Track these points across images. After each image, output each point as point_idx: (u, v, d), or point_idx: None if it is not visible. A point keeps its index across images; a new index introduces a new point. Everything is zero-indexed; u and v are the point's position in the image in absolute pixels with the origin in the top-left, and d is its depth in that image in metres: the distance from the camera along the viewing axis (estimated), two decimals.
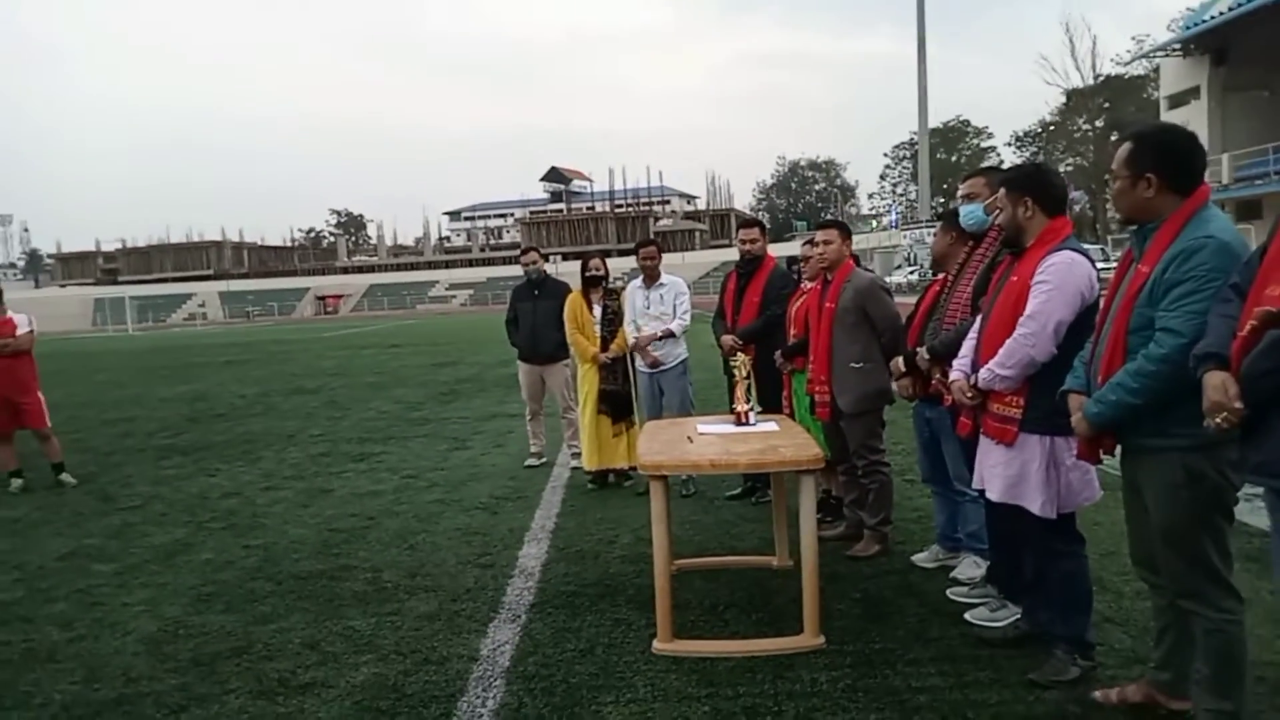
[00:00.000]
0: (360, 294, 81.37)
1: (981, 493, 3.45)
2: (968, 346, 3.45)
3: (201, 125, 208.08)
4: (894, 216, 78.72)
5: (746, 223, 5.96)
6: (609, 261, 7.06)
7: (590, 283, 6.53)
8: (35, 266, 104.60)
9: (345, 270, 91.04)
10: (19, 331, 7.44)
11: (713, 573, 4.54)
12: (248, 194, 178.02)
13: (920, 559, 4.52)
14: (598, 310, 6.46)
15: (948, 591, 4.09)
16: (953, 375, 3.48)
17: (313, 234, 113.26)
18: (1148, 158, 2.58)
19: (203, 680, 3.52)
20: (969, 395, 3.33)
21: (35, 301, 75.89)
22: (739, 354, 4.48)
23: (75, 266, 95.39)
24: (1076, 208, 58.79)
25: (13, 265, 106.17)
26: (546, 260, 7.33)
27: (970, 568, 4.19)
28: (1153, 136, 2.66)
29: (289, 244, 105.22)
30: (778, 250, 5.79)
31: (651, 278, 6.26)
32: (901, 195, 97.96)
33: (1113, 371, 2.60)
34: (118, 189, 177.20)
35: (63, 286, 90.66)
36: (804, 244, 5.42)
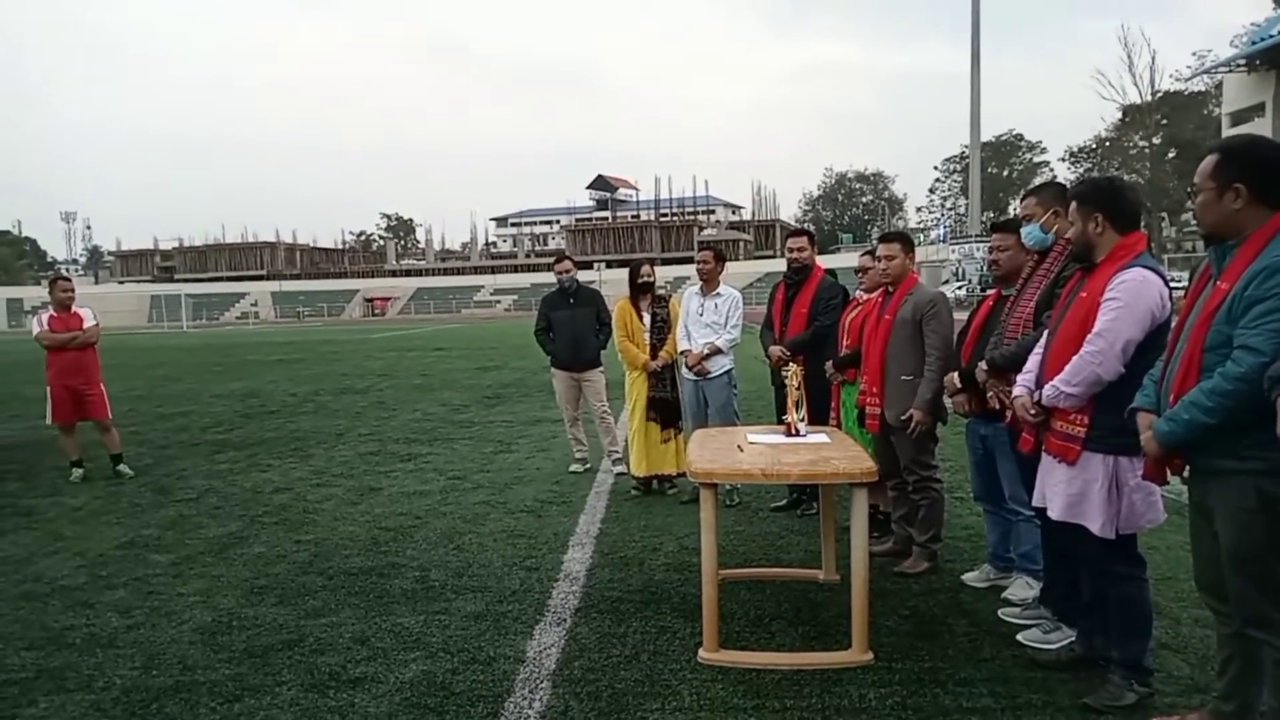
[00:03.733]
0: (407, 297, 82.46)
1: (1040, 511, 3.40)
2: (1032, 362, 3.39)
3: (259, 129, 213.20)
4: (942, 230, 77.77)
5: (795, 232, 5.93)
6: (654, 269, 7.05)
7: (640, 289, 6.55)
8: (95, 263, 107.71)
9: (394, 273, 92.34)
10: (86, 325, 7.69)
11: (758, 584, 4.52)
12: (302, 197, 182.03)
13: (970, 578, 4.45)
14: (647, 318, 6.47)
15: (999, 612, 4.01)
16: (1016, 391, 3.43)
17: (363, 237, 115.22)
18: (1237, 168, 2.52)
19: (256, 671, 3.58)
20: (1032, 412, 3.28)
21: (94, 297, 78.17)
22: (790, 364, 4.44)
23: (134, 264, 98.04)
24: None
25: (75, 261, 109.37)
26: (578, 268, 7.34)
27: (1023, 588, 4.11)
28: (1243, 147, 2.60)
29: (340, 246, 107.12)
30: (824, 262, 5.74)
31: (709, 284, 6.23)
32: (951, 209, 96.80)
33: (1185, 390, 2.54)
34: (177, 189, 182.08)
35: (121, 283, 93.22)
36: (863, 255, 5.38)
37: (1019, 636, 3.71)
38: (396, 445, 9.07)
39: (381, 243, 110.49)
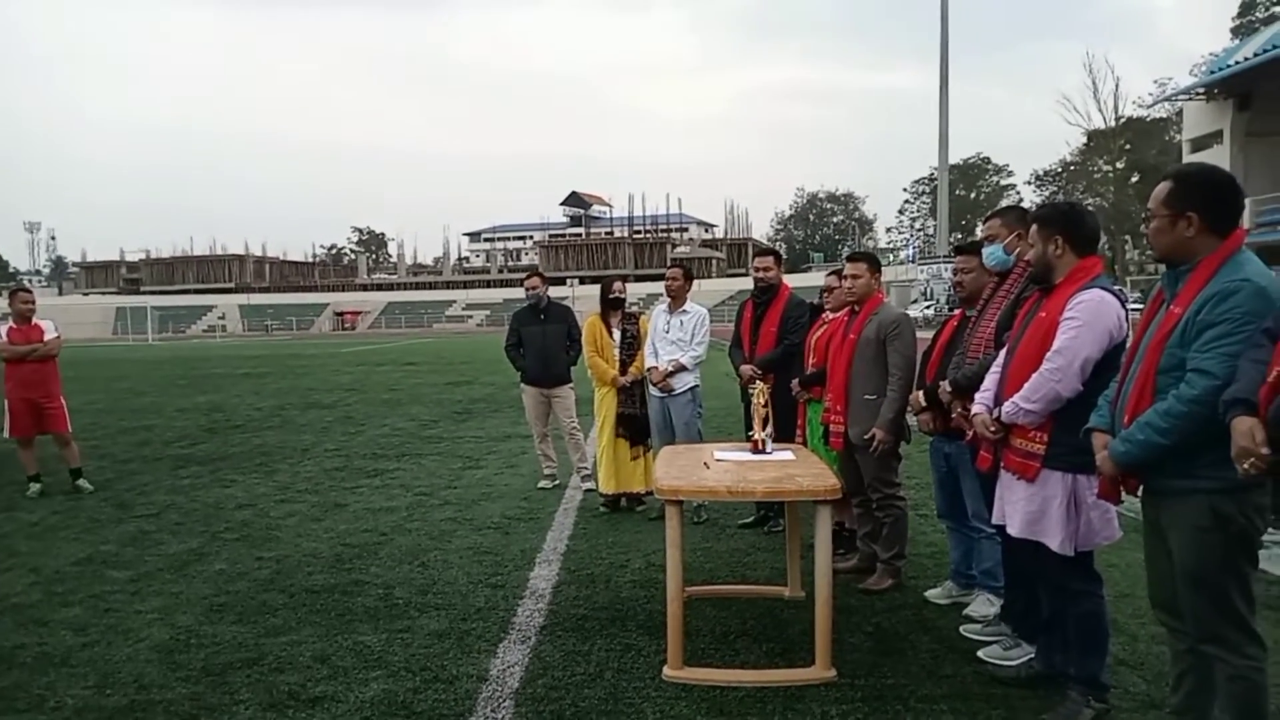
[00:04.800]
0: (379, 311, 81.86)
1: (1000, 528, 3.44)
2: (991, 380, 3.45)
3: (230, 141, 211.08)
4: (911, 251, 78.70)
5: (762, 251, 5.98)
6: (628, 286, 7.09)
7: (610, 305, 6.56)
8: (60, 274, 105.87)
9: (365, 287, 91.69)
10: (47, 337, 7.56)
11: (723, 601, 4.52)
12: (273, 210, 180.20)
13: (934, 595, 4.49)
14: (617, 334, 6.48)
15: (961, 628, 4.05)
16: (975, 408, 3.48)
17: (334, 250, 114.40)
18: (1189, 197, 2.59)
19: (213, 690, 3.53)
20: (991, 429, 3.32)
21: (58, 309, 76.69)
22: (758, 382, 4.47)
23: (99, 275, 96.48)
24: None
25: (39, 272, 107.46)
26: (548, 284, 7.34)
27: (984, 605, 4.15)
28: (1195, 176, 2.67)
29: (310, 260, 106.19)
30: (796, 281, 5.79)
31: (676, 301, 6.26)
32: (920, 230, 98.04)
33: (1140, 411, 2.59)
34: (144, 201, 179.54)
35: (86, 295, 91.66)
36: (829, 274, 5.44)
37: (980, 653, 3.74)
38: (363, 461, 8.99)
39: (353, 256, 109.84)
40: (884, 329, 4.65)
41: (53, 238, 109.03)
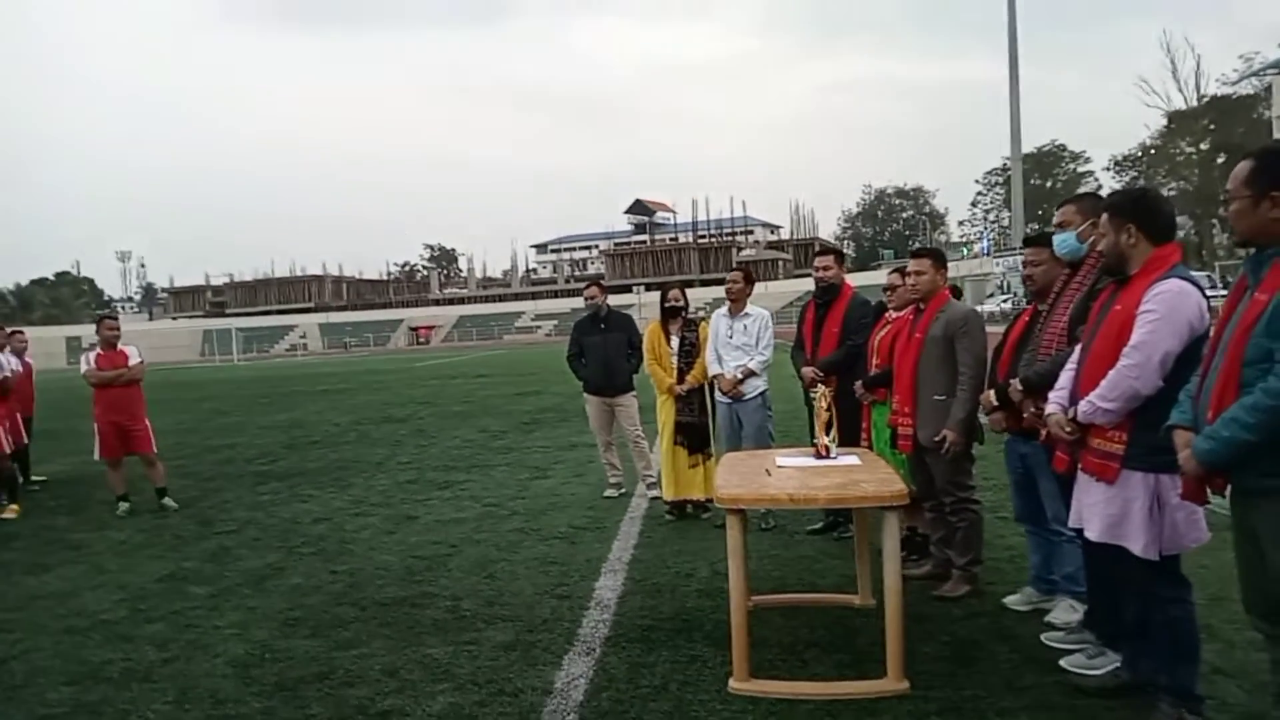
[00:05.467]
0: (451, 325, 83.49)
1: (1079, 532, 3.28)
2: (1066, 378, 3.29)
3: (304, 164, 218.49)
4: (986, 243, 76.77)
5: (822, 251, 5.85)
6: (691, 292, 7.04)
7: (669, 314, 6.53)
8: (150, 300, 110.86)
9: (437, 302, 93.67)
10: (131, 362, 7.86)
11: (792, 610, 4.42)
12: (347, 230, 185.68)
13: (1012, 601, 4.31)
14: (675, 341, 6.44)
15: (1042, 636, 3.87)
16: (1049, 408, 3.33)
17: (407, 267, 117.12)
18: (1274, 175, 2.42)
19: (286, 704, 3.59)
20: (1067, 429, 3.17)
21: (148, 333, 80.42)
22: (820, 385, 4.37)
23: (186, 300, 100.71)
24: (1181, 233, 56.18)
25: (130, 299, 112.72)
26: (607, 294, 7.33)
27: (1066, 611, 3.96)
28: (1278, 153, 2.50)
29: (385, 277, 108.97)
30: (864, 279, 5.61)
31: (737, 305, 6.19)
32: (994, 222, 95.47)
33: (1224, 406, 2.43)
34: (227, 226, 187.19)
35: (174, 319, 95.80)
36: (891, 272, 5.30)
37: (1062, 662, 3.57)
38: (434, 473, 9.12)
39: (425, 273, 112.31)
40: (952, 326, 4.49)
41: (143, 265, 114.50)
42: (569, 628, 4.30)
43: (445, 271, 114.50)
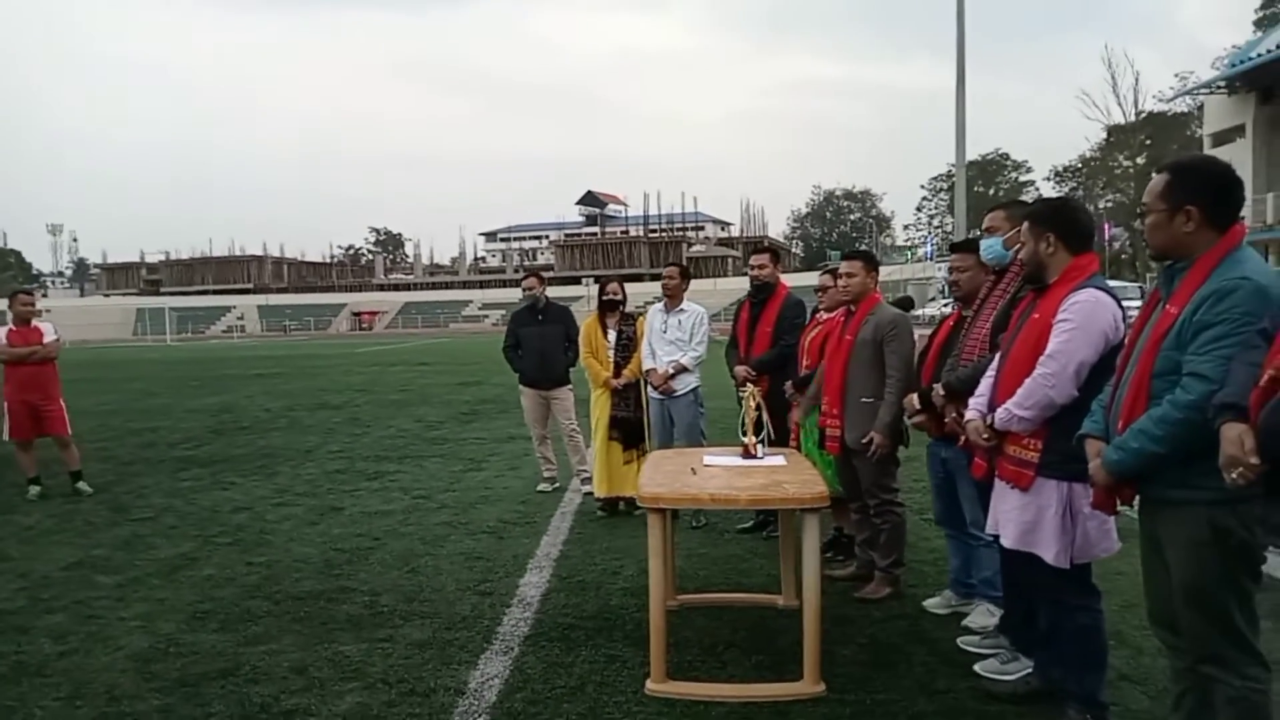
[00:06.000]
0: (395, 311, 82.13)
1: (996, 538, 3.31)
2: (985, 385, 3.32)
3: (248, 142, 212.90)
4: (930, 248, 78.12)
5: (756, 249, 5.85)
6: (641, 286, 6.99)
7: (606, 307, 6.46)
8: (82, 275, 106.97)
9: (382, 288, 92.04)
10: (46, 339, 7.54)
11: (715, 610, 4.41)
12: (290, 211, 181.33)
13: (932, 604, 4.35)
14: (612, 335, 6.38)
15: (959, 640, 3.92)
16: (968, 414, 3.35)
17: (351, 251, 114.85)
18: (1188, 189, 2.44)
19: (185, 702, 3.45)
20: (984, 435, 3.19)
21: (80, 310, 77.64)
22: (749, 385, 4.35)
23: (119, 276, 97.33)
24: (1116, 245, 57.96)
25: (60, 274, 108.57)
26: (545, 285, 7.24)
27: (983, 616, 4.01)
28: (1194, 168, 2.53)
29: (328, 260, 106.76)
30: (812, 280, 5.59)
31: (673, 300, 6.16)
32: (938, 227, 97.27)
33: (1134, 417, 2.45)
34: (164, 203, 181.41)
35: (107, 296, 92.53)
36: (823, 274, 5.31)
37: (976, 667, 3.61)
38: (365, 463, 8.93)
39: (370, 257, 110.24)
40: (881, 330, 4.51)
41: (75, 240, 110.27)
42: (488, 625, 4.22)
43: (391, 256, 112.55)
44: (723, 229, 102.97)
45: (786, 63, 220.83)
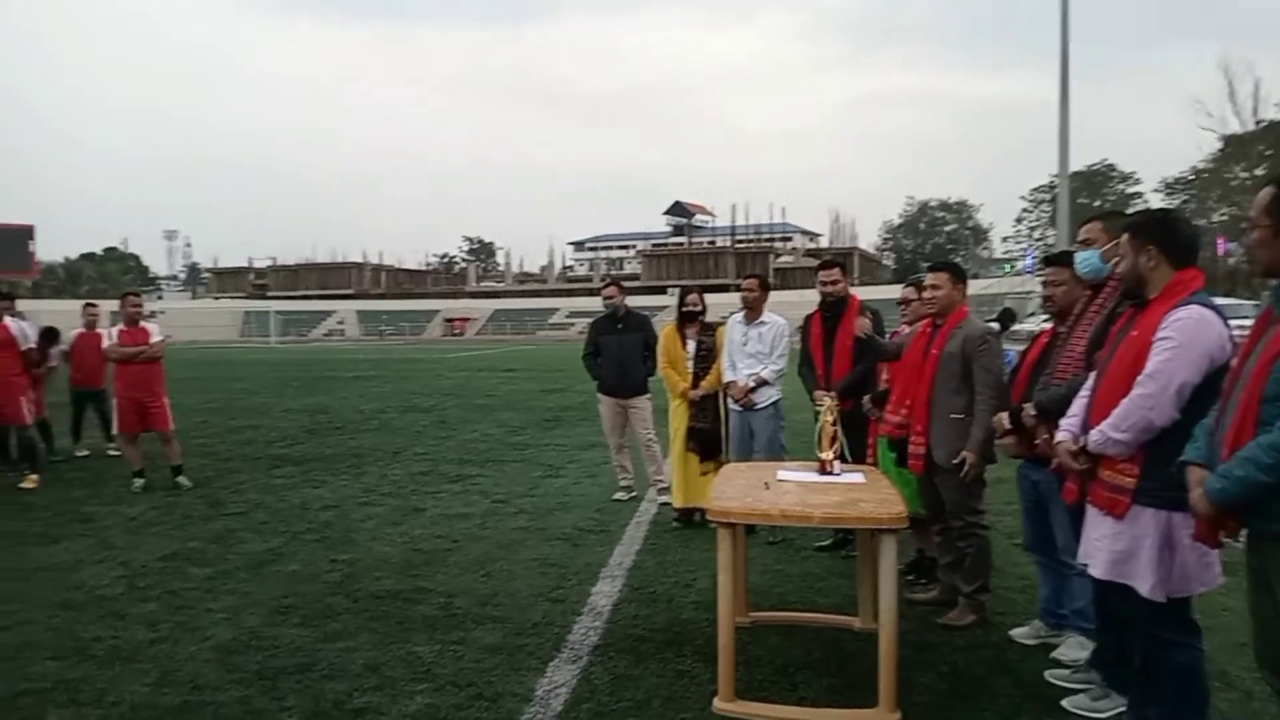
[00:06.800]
0: (486, 318, 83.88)
1: (1087, 567, 3.12)
2: (1078, 405, 3.15)
3: (351, 154, 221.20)
4: (1029, 261, 75.46)
5: (826, 264, 5.68)
6: (727, 296, 6.94)
7: (686, 318, 6.42)
8: (194, 279, 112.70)
9: (473, 295, 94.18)
10: (152, 340, 7.93)
11: (789, 629, 4.30)
12: (389, 220, 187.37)
13: (1020, 634, 4.14)
14: (691, 345, 6.33)
15: (1047, 673, 3.71)
16: (1059, 435, 3.18)
17: (445, 259, 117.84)
18: None
19: (263, 695, 3.54)
20: (1077, 459, 3.02)
21: (191, 312, 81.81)
22: (825, 399, 4.24)
23: (229, 281, 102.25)
24: (1231, 260, 54.83)
25: (175, 277, 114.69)
26: (625, 294, 7.24)
27: (1074, 648, 3.80)
28: None
29: (424, 268, 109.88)
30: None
31: (752, 313, 6.07)
32: (1039, 240, 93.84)
33: (1240, 444, 2.28)
34: (272, 210, 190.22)
35: (217, 299, 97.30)
36: (905, 286, 5.15)
37: (1064, 702, 3.42)
38: (448, 465, 9.09)
39: (463, 265, 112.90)
40: (970, 344, 4.34)
41: (188, 245, 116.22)
42: (559, 633, 4.22)
43: (483, 265, 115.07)
44: (811, 240, 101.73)
45: (879, 72, 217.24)
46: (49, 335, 9.07)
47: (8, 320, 8.11)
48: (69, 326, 9.90)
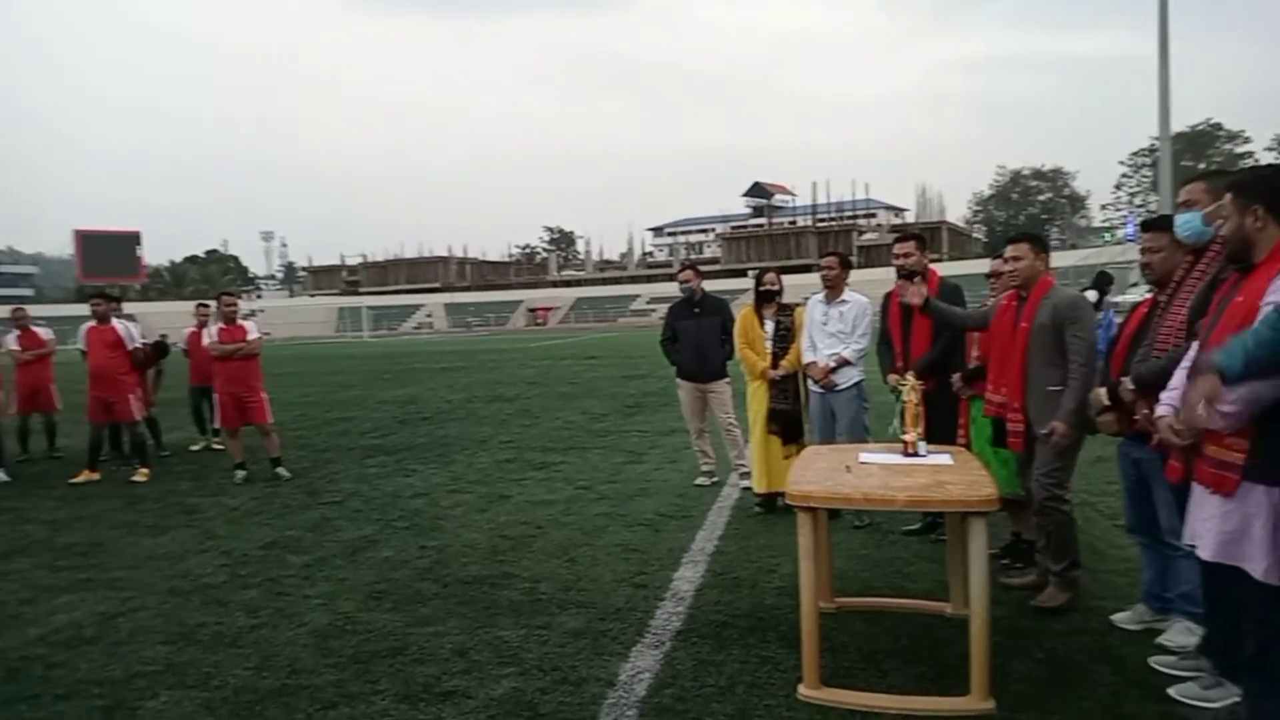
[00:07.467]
0: (568, 307, 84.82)
1: (1193, 548, 2.95)
2: (1179, 377, 2.96)
3: (434, 151, 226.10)
4: (1131, 229, 72.00)
5: (902, 237, 5.47)
6: (810, 276, 6.82)
7: (763, 298, 6.32)
8: (290, 278, 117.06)
9: (554, 284, 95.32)
10: (249, 337, 8.26)
11: (877, 615, 4.20)
12: (472, 213, 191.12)
13: (1122, 619, 3.95)
14: (770, 326, 6.23)
15: (1151, 660, 3.54)
16: (1160, 410, 3.00)
17: (527, 250, 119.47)
18: None
19: (357, 678, 3.65)
20: (1180, 434, 2.85)
21: (289, 309, 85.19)
22: (908, 377, 4.10)
23: (323, 278, 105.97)
24: None
25: (273, 276, 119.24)
26: (702, 278, 7.17)
27: (1181, 634, 3.60)
28: None
29: (506, 259, 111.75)
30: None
31: (833, 292, 5.94)
32: (1140, 206, 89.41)
33: None
34: (362, 208, 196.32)
35: (312, 296, 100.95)
36: (995, 258, 4.95)
37: (1172, 691, 3.25)
38: (533, 453, 9.22)
39: (544, 255, 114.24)
40: (1059, 313, 4.15)
41: (284, 245, 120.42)
42: (641, 618, 4.23)
43: (564, 254, 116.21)
44: (896, 215, 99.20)
45: (963, 38, 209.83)
46: (159, 348, 9.50)
47: (116, 322, 8.57)
48: (177, 327, 10.39)
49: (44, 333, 9.82)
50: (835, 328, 5.84)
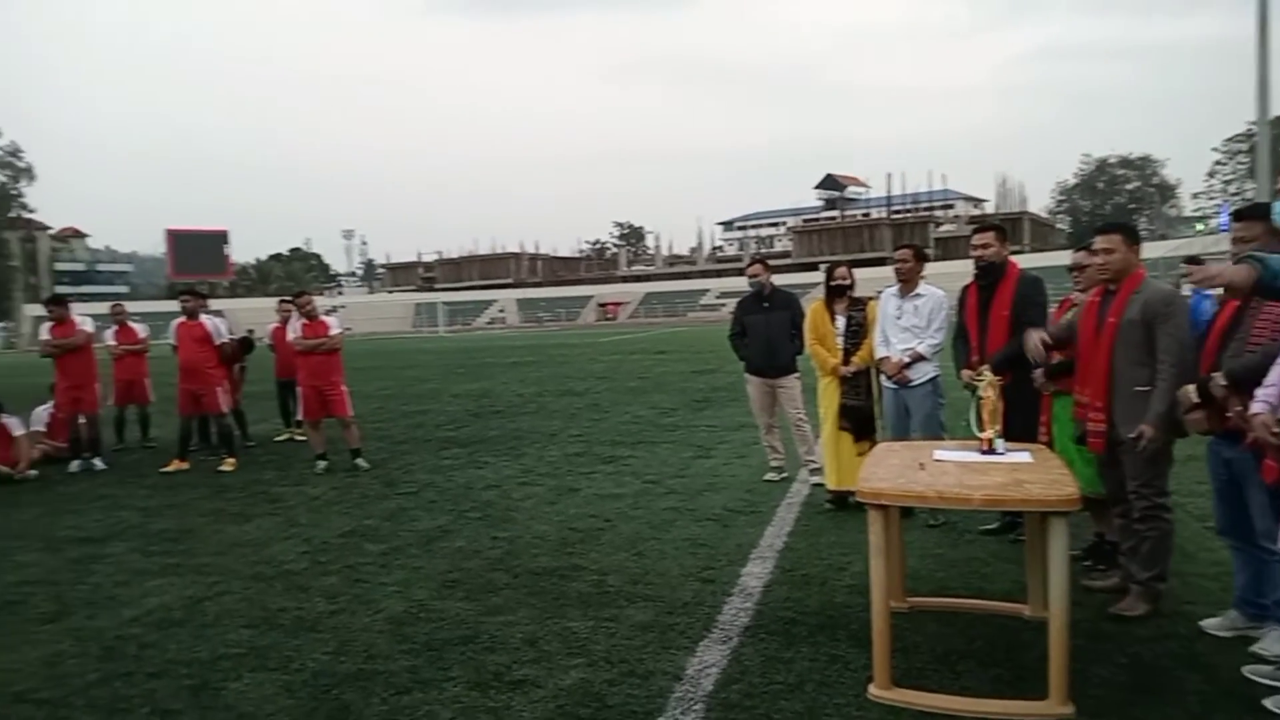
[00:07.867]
0: (637, 301, 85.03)
1: None
2: (1276, 374, 2.83)
3: (506, 149, 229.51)
4: (1224, 219, 68.74)
5: (980, 227, 5.31)
6: (884, 270, 6.70)
7: (834, 292, 6.23)
8: (370, 275, 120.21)
9: (625, 279, 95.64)
10: (331, 332, 8.52)
11: (951, 615, 4.11)
12: (544, 209, 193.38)
13: (1212, 625, 3.79)
14: (841, 321, 6.14)
15: (1244, 669, 3.38)
16: (1255, 407, 2.88)
17: (597, 245, 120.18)
18: None
19: (430, 665, 3.74)
20: (1275, 432, 2.72)
21: (369, 305, 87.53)
22: (985, 372, 3.99)
23: (401, 275, 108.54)
24: None
25: (353, 274, 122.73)
26: (770, 272, 7.10)
27: (1277, 643, 3.43)
28: None
29: (577, 255, 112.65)
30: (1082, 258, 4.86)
31: (907, 285, 5.81)
32: (1235, 194, 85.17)
33: None
34: (437, 206, 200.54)
35: (391, 292, 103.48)
36: (1077, 250, 4.78)
37: (1267, 702, 3.10)
38: (602, 447, 9.28)
39: (614, 250, 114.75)
40: (1151, 309, 3.96)
41: (364, 243, 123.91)
42: (709, 613, 4.22)
43: (633, 249, 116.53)
44: (975, 206, 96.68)
45: (1046, 25, 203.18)
46: (246, 343, 9.87)
47: (204, 318, 8.93)
48: (263, 323, 10.79)
49: (139, 328, 10.30)
50: (909, 322, 5.72)
